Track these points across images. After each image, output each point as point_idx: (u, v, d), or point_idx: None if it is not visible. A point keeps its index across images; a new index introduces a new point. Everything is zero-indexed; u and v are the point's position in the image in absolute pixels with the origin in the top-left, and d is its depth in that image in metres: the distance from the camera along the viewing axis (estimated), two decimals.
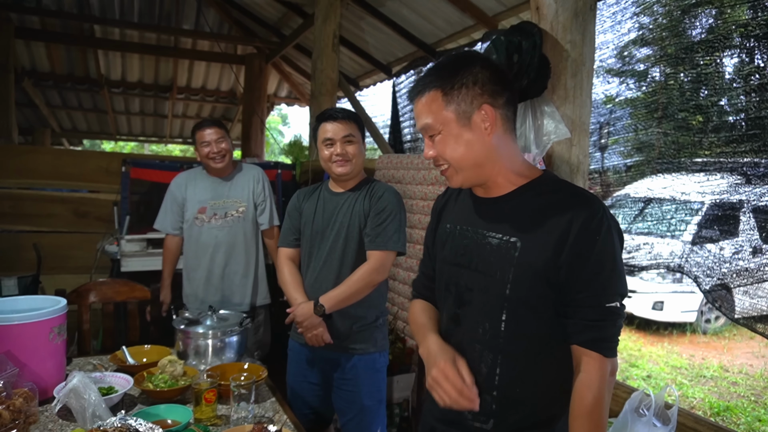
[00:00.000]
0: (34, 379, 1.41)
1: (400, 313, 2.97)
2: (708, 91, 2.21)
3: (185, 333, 1.84)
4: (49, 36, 6.07)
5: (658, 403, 1.65)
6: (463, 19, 4.10)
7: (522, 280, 1.06)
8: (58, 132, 8.26)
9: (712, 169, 2.21)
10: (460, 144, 1.08)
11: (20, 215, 3.74)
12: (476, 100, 1.07)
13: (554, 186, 1.11)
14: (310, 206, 2.02)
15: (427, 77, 1.11)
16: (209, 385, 1.42)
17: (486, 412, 1.11)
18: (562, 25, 1.98)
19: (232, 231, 2.59)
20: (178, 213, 2.61)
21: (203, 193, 2.59)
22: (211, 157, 2.52)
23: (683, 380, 4.80)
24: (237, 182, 2.64)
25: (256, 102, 6.63)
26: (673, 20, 2.31)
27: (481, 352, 1.12)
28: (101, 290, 2.20)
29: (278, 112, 19.05)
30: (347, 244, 1.92)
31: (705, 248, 2.63)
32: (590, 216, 1.02)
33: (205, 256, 2.56)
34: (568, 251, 1.02)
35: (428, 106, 1.09)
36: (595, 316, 1.03)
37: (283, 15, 5.77)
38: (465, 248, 1.16)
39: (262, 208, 2.68)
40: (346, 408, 1.98)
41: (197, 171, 2.67)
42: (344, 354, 1.93)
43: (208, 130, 2.53)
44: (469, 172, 1.11)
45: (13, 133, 5.36)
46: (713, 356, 5.43)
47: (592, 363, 1.03)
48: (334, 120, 1.91)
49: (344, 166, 1.91)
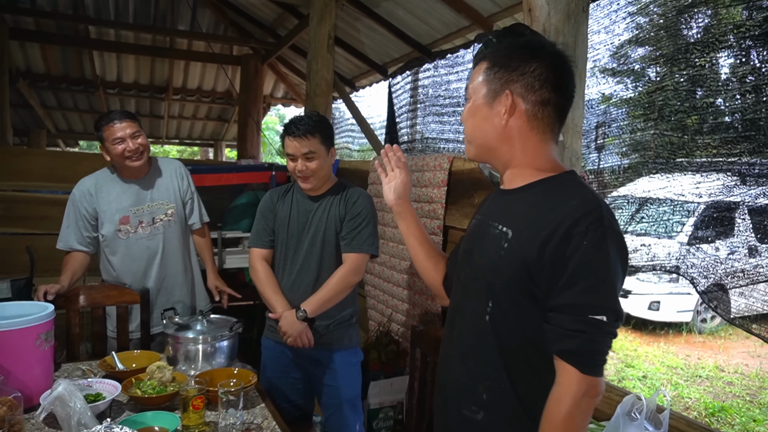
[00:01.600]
0: (20, 386, 1.40)
1: (395, 315, 2.96)
2: (703, 91, 2.21)
3: (175, 338, 1.83)
4: (44, 37, 6.04)
5: (650, 407, 1.64)
6: (458, 20, 4.10)
7: (506, 271, 1.05)
8: (53, 133, 8.23)
9: (707, 169, 2.20)
10: (477, 117, 1.13)
11: (14, 218, 3.72)
12: (507, 85, 1.08)
13: (562, 186, 1.07)
14: (284, 209, 2.05)
15: (494, 48, 1.17)
16: (197, 392, 1.41)
17: (477, 402, 1.11)
18: (555, 27, 1.97)
19: (165, 238, 2.28)
20: (85, 227, 2.23)
21: (121, 200, 2.23)
22: (126, 156, 2.15)
23: (679, 380, 4.80)
24: (158, 182, 2.31)
25: (251, 103, 6.61)
26: (668, 20, 2.31)
27: (475, 341, 1.12)
28: (90, 294, 2.19)
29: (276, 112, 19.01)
30: (324, 248, 1.98)
31: (701, 249, 2.63)
32: (581, 218, 0.97)
33: (137, 273, 2.26)
34: (552, 251, 0.98)
35: (475, 72, 1.14)
36: (574, 325, 0.96)
37: (279, 16, 5.75)
38: (475, 237, 1.18)
39: (191, 207, 2.40)
40: (327, 403, 2.05)
41: (104, 175, 2.28)
42: (323, 350, 1.99)
43: (120, 123, 2.14)
44: (478, 148, 1.16)
45: (8, 134, 5.34)
46: (709, 356, 5.44)
47: (566, 377, 0.98)
48: (294, 137, 1.91)
49: (306, 182, 1.96)
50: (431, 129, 4.80)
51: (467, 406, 1.12)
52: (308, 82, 4.38)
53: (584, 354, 0.97)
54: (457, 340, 1.17)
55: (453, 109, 4.55)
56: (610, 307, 0.97)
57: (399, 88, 5.31)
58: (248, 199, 3.91)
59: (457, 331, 1.18)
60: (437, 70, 4.76)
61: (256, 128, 6.67)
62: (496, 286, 1.06)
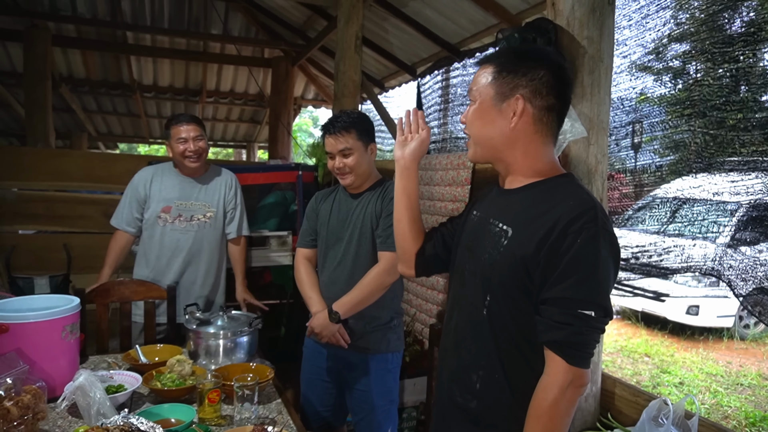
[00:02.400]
0: (45, 376, 1.45)
1: (419, 315, 2.94)
2: (746, 87, 2.13)
3: (196, 333, 1.86)
4: (84, 43, 6.27)
5: (678, 413, 1.58)
6: (486, 18, 4.05)
7: (503, 267, 1.09)
8: (94, 136, 8.54)
9: (749, 168, 2.13)
10: (485, 120, 1.15)
11: (53, 216, 3.86)
12: (516, 90, 1.12)
13: (561, 187, 1.12)
14: (326, 208, 2.05)
15: (498, 53, 1.21)
16: (213, 385, 1.43)
17: (471, 391, 1.16)
18: (579, 21, 1.92)
19: (196, 237, 2.42)
20: (137, 210, 2.41)
21: (170, 191, 2.41)
22: (186, 156, 2.35)
23: (718, 388, 4.61)
24: (208, 185, 2.48)
25: (282, 104, 6.70)
26: (709, 14, 2.23)
27: (471, 331, 1.17)
28: (119, 290, 2.25)
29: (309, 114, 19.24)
30: (360, 245, 1.94)
31: (740, 251, 2.53)
32: (576, 218, 1.02)
33: (162, 260, 2.40)
34: (548, 248, 1.03)
35: (480, 74, 1.16)
36: (562, 318, 1.01)
37: (308, 18, 5.81)
38: (474, 233, 1.22)
39: (231, 216, 2.53)
40: (357, 407, 2.00)
41: (166, 167, 2.48)
42: (357, 353, 1.94)
43: (186, 125, 2.35)
44: (483, 149, 1.18)
45: (51, 137, 5.55)
46: (752, 363, 5.20)
47: (554, 366, 1.03)
48: (329, 134, 1.92)
49: (345, 179, 1.95)
50: (459, 128, 4.76)
51: (461, 395, 1.18)
52: (336, 83, 4.40)
53: (571, 345, 1.01)
54: (454, 331, 1.23)
55: None
56: (599, 302, 1.01)
57: (428, 88, 5.29)
58: (275, 199, 3.96)
59: (454, 323, 1.23)
60: (466, 69, 4.72)
61: (287, 129, 6.74)
62: (494, 280, 1.11)
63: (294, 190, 4.07)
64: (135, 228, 2.44)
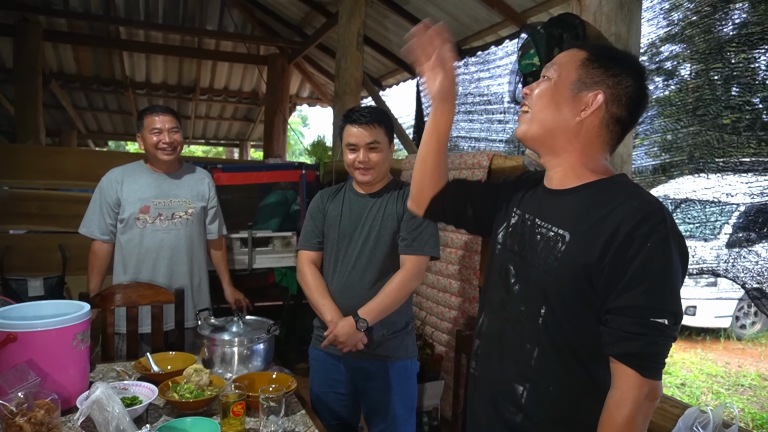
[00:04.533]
0: (56, 388, 1.36)
1: (428, 318, 2.88)
2: (740, 89, 2.12)
3: (211, 340, 1.78)
4: (76, 38, 6.12)
5: (716, 422, 1.52)
6: (490, 16, 4.00)
7: (562, 274, 1.03)
8: (84, 133, 8.37)
9: (744, 170, 2.12)
10: (553, 100, 1.07)
11: (47, 216, 3.74)
12: (599, 85, 1.05)
13: (619, 187, 1.05)
14: (335, 208, 1.94)
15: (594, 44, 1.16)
16: (237, 398, 1.35)
17: (516, 404, 1.09)
18: (606, 16, 1.87)
19: (181, 235, 2.31)
20: (109, 215, 2.28)
21: (145, 190, 2.28)
22: (160, 147, 2.24)
23: (720, 389, 4.61)
24: (186, 181, 2.37)
25: (278, 102, 6.60)
26: (703, 16, 2.23)
27: (519, 341, 1.09)
28: (126, 293, 2.16)
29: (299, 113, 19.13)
30: (377, 247, 1.85)
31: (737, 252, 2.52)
32: (643, 221, 0.95)
33: (146, 264, 2.27)
34: (613, 253, 0.96)
35: (568, 55, 1.09)
36: (635, 328, 0.94)
37: (306, 14, 5.72)
38: (521, 236, 1.15)
39: (212, 215, 2.45)
40: (376, 417, 1.91)
41: (136, 166, 2.35)
42: (376, 361, 1.86)
43: (161, 116, 2.24)
44: (537, 130, 1.10)
45: (41, 134, 5.41)
46: (750, 364, 5.22)
47: (626, 380, 0.96)
48: (358, 124, 1.81)
49: (366, 175, 1.84)
50: (460, 127, 4.70)
51: (506, 407, 1.11)
52: (337, 80, 4.32)
53: (645, 357, 0.95)
54: (497, 338, 1.16)
55: (483, 107, 4.45)
56: (672, 310, 0.95)
57: None
58: (277, 199, 3.87)
59: (498, 330, 1.16)
60: (467, 67, 4.66)
61: (283, 128, 6.65)
62: (552, 289, 1.05)
63: (295, 190, 3.99)
64: (109, 236, 2.30)
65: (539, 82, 1.11)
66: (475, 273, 2.49)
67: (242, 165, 4.53)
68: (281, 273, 3.72)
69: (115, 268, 2.32)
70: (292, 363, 3.65)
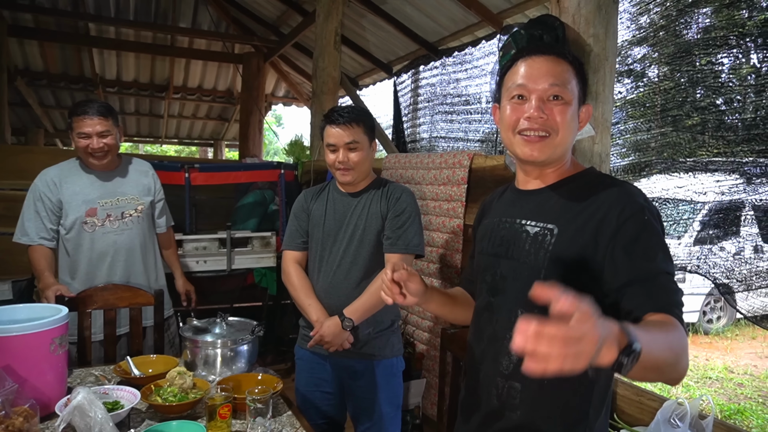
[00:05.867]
0: (34, 394, 1.32)
1: (410, 317, 2.89)
2: (704, 91, 2.20)
3: (193, 342, 1.75)
4: (42, 34, 5.93)
5: (693, 414, 1.57)
6: (467, 17, 4.03)
7: (556, 267, 1.04)
8: (51, 132, 8.11)
9: (712, 168, 2.20)
10: (573, 122, 1.09)
11: (15, 217, 3.59)
12: (582, 99, 1.12)
13: (597, 179, 1.11)
14: (319, 207, 1.93)
15: (563, 50, 1.12)
16: (224, 400, 1.33)
17: (513, 402, 1.10)
18: (585, 18, 1.91)
19: (132, 234, 2.21)
20: (51, 220, 2.13)
21: (89, 191, 2.15)
22: (89, 153, 2.10)
23: (689, 382, 4.74)
24: (129, 177, 2.26)
25: (253, 102, 6.53)
26: (669, 20, 2.30)
27: (512, 340, 1.07)
28: (103, 296, 2.10)
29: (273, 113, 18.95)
30: (361, 246, 1.85)
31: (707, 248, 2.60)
32: (629, 204, 1.01)
33: (101, 269, 2.15)
34: (609, 237, 1.00)
35: (562, 72, 1.08)
36: (656, 288, 0.95)
37: (282, 13, 5.68)
38: (502, 239, 1.16)
39: (161, 208, 2.37)
40: (363, 416, 1.92)
41: (72, 165, 2.20)
42: (362, 360, 1.86)
43: (90, 119, 2.06)
44: (562, 152, 1.11)
45: (6, 133, 5.24)
46: (717, 357, 5.39)
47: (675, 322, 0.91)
48: (337, 124, 1.81)
49: (346, 175, 1.84)
50: (439, 128, 4.73)
51: (501, 404, 1.12)
52: (314, 80, 4.30)
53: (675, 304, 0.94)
54: (489, 340, 1.16)
55: (462, 108, 4.48)
56: (674, 271, 0.99)
57: (405, 86, 5.24)
58: (255, 199, 3.83)
59: (490, 331, 1.16)
60: (445, 68, 4.69)
61: (259, 127, 6.58)
62: (545, 282, 1.03)
63: (273, 189, 3.95)
64: (53, 241, 2.15)
65: (558, 104, 1.07)
66: (456, 272, 2.51)
67: (220, 165, 4.47)
68: (260, 273, 3.68)
69: (60, 278, 2.18)
70: (271, 364, 3.62)
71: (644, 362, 0.78)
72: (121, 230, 2.19)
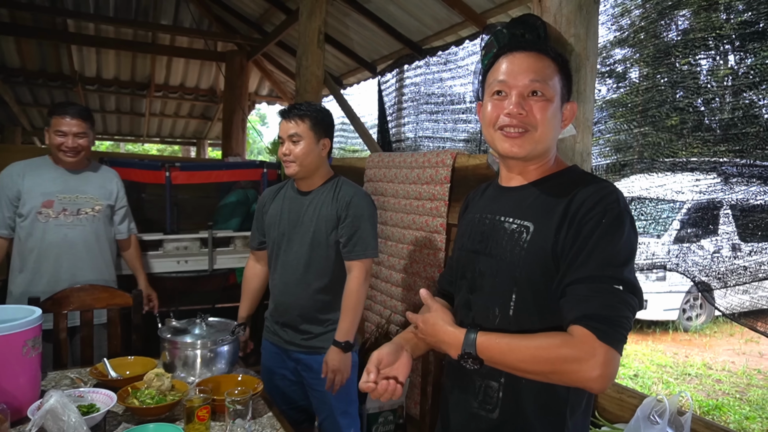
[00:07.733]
0: (5, 398, 1.29)
1: (394, 317, 2.88)
2: (683, 93, 2.24)
3: (172, 343, 1.72)
4: (19, 30, 5.79)
5: (672, 410, 1.59)
6: (450, 16, 4.04)
7: (531, 263, 1.04)
8: (29, 131, 7.95)
9: (691, 168, 2.23)
10: (554, 118, 1.08)
11: None
12: (566, 96, 1.12)
13: (578, 177, 1.10)
14: (276, 207, 1.98)
15: (545, 47, 1.11)
16: (202, 401, 1.31)
17: (492, 401, 1.09)
18: (566, 18, 1.92)
19: (85, 231, 2.28)
20: (8, 209, 2.23)
21: (50, 185, 2.25)
22: (62, 150, 2.22)
23: (669, 378, 4.82)
24: (92, 178, 2.36)
25: (237, 100, 6.46)
26: (649, 22, 2.33)
27: None
28: (79, 297, 2.06)
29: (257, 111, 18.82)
30: (314, 249, 1.89)
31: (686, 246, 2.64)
32: (599, 201, 0.99)
33: (48, 260, 2.22)
34: (571, 232, 0.99)
35: (543, 68, 1.08)
36: (589, 292, 0.94)
37: (266, 11, 5.63)
38: (482, 235, 1.16)
39: (122, 215, 2.47)
40: (319, 408, 1.98)
41: (40, 160, 2.31)
42: (312, 355, 1.91)
43: (69, 120, 2.20)
44: (543, 148, 1.10)
45: None
46: (696, 354, 5.48)
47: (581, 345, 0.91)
48: (284, 117, 1.87)
49: (289, 167, 1.87)
50: (424, 127, 4.73)
51: (480, 405, 1.11)
52: (298, 78, 4.27)
53: (600, 320, 0.91)
54: None
55: (447, 107, 4.49)
56: (627, 278, 0.95)
57: (389, 85, 5.23)
58: (237, 198, 3.79)
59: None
60: (429, 67, 4.70)
61: (242, 126, 6.52)
62: (521, 280, 1.06)
63: (256, 189, 3.91)
64: (8, 230, 2.25)
65: (539, 100, 1.07)
66: (439, 270, 2.51)
67: (202, 163, 4.42)
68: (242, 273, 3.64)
69: (12, 264, 2.27)
70: (254, 365, 3.58)
71: (494, 364, 1.00)
72: (74, 225, 2.26)
